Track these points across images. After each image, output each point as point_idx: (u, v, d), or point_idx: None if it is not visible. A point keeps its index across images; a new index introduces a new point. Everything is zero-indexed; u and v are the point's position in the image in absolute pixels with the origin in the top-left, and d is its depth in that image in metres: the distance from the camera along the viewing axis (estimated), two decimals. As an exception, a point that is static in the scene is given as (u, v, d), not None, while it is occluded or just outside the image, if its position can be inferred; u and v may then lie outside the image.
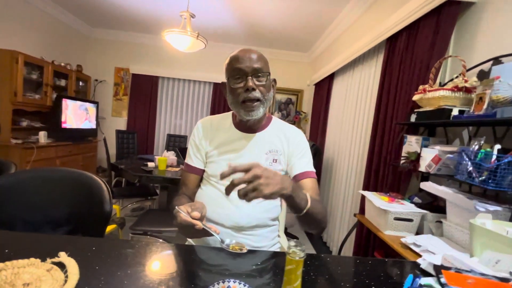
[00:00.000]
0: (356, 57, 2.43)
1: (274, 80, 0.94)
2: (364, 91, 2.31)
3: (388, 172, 1.68)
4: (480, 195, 1.04)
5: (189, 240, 0.96)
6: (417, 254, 0.99)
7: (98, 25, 3.94)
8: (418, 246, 1.02)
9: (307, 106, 4.32)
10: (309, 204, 0.69)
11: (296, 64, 4.38)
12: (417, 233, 1.23)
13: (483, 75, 1.15)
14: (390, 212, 1.21)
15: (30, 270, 0.54)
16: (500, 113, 0.90)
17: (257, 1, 2.69)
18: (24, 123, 2.89)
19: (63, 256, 0.60)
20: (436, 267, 0.59)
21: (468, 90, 1.13)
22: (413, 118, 1.36)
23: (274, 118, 1.00)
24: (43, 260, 0.58)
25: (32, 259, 0.57)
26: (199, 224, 0.63)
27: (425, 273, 0.68)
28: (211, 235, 0.66)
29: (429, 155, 1.19)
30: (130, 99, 4.22)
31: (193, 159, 0.97)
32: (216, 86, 4.25)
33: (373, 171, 1.86)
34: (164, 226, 1.89)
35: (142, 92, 4.18)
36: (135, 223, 1.89)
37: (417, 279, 0.63)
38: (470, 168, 0.95)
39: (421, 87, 1.32)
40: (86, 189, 1.03)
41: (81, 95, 3.81)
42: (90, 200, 1.02)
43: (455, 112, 1.12)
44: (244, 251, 0.64)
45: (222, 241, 0.66)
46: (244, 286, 0.52)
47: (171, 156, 2.60)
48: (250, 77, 0.83)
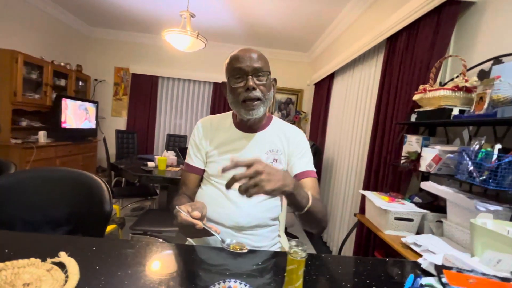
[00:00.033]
0: (356, 57, 2.42)
1: (275, 80, 0.94)
2: (364, 91, 2.31)
3: (388, 171, 1.68)
4: (480, 195, 1.04)
5: (190, 240, 0.96)
6: (418, 254, 0.99)
7: (98, 24, 3.93)
8: (418, 246, 1.02)
9: (307, 106, 4.32)
10: (310, 202, 0.69)
11: (296, 64, 4.38)
12: (417, 233, 1.23)
13: (484, 75, 1.15)
14: (390, 212, 1.21)
15: (30, 270, 0.54)
16: (501, 113, 0.90)
17: (257, 1, 2.69)
18: (24, 123, 2.89)
19: (63, 256, 0.60)
20: (437, 267, 0.59)
21: (469, 89, 1.12)
22: (413, 117, 1.36)
23: (274, 118, 1.00)
24: (43, 260, 0.58)
25: (32, 259, 0.57)
26: (199, 223, 0.63)
27: (425, 273, 0.68)
28: (212, 234, 0.65)
29: (429, 155, 1.18)
30: (130, 99, 4.21)
31: (193, 159, 0.96)
32: (216, 86, 4.25)
33: (373, 171, 1.86)
34: (164, 226, 1.89)
35: (142, 92, 4.18)
36: (135, 223, 1.89)
37: (418, 279, 0.63)
38: (471, 168, 0.95)
39: (421, 86, 1.32)
40: (86, 189, 1.02)
41: (81, 95, 3.80)
42: (90, 200, 1.01)
43: (455, 111, 1.12)
44: (245, 251, 0.64)
45: (223, 241, 0.66)
46: (245, 286, 0.52)
47: (171, 156, 2.60)
48: (250, 77, 0.83)
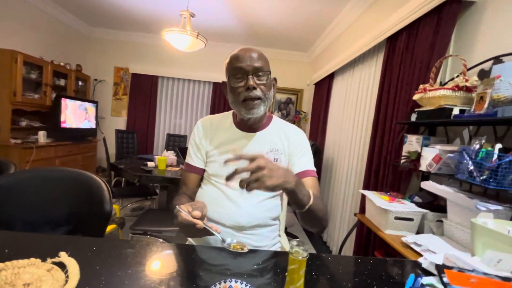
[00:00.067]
0: (356, 57, 2.42)
1: (275, 79, 0.94)
2: (364, 90, 2.31)
3: (388, 171, 1.68)
4: (480, 194, 1.04)
5: (190, 240, 0.96)
6: (418, 254, 0.99)
7: (97, 24, 3.93)
8: (419, 245, 1.02)
9: (307, 105, 4.32)
10: (312, 200, 0.70)
11: (296, 63, 4.38)
12: (417, 233, 1.23)
13: (484, 74, 1.15)
14: (390, 212, 1.21)
15: (30, 270, 0.54)
16: (501, 112, 0.90)
17: (257, 0, 2.69)
18: (24, 123, 2.88)
19: (63, 256, 0.59)
20: (439, 266, 0.59)
21: (469, 89, 1.12)
22: (413, 117, 1.36)
23: (274, 118, 1.00)
24: (44, 260, 0.58)
25: (33, 259, 0.57)
26: (200, 223, 0.63)
27: (426, 273, 0.68)
28: (212, 234, 0.65)
29: (429, 155, 1.18)
30: (130, 99, 4.21)
31: (193, 159, 0.96)
32: (216, 86, 4.25)
33: (373, 170, 1.86)
34: (164, 226, 1.89)
35: (142, 92, 4.17)
36: (135, 223, 1.89)
37: (419, 278, 0.63)
38: (471, 167, 0.95)
39: (421, 86, 1.32)
40: (86, 189, 1.02)
41: (81, 95, 3.80)
42: (90, 200, 1.01)
43: (455, 111, 1.12)
44: (245, 251, 0.64)
45: (223, 240, 0.66)
46: (246, 286, 0.52)
47: (171, 155, 2.59)
48: (250, 76, 0.83)
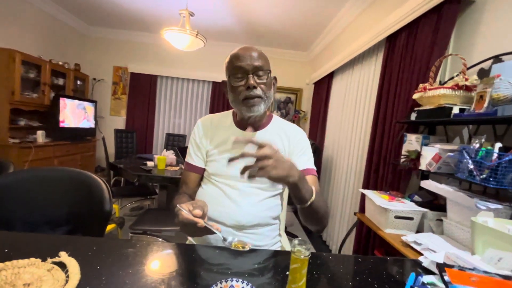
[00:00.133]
0: (355, 56, 2.42)
1: (275, 78, 0.94)
2: (364, 89, 2.31)
3: (388, 170, 1.68)
4: (480, 193, 1.04)
5: (190, 239, 0.96)
6: (417, 253, 0.99)
7: (96, 23, 3.91)
8: (419, 244, 1.02)
9: (306, 105, 4.32)
10: (314, 196, 0.70)
11: (295, 63, 4.37)
12: (417, 232, 1.24)
13: (483, 74, 1.15)
14: (390, 211, 1.21)
15: (30, 270, 0.54)
16: (501, 111, 0.90)
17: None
18: (22, 123, 2.87)
19: (63, 256, 0.59)
20: (440, 265, 0.59)
21: (469, 88, 1.13)
22: (413, 116, 1.36)
23: (274, 117, 1.00)
24: (44, 260, 0.57)
25: (33, 259, 0.57)
26: (201, 222, 0.62)
27: (426, 271, 0.68)
28: (213, 233, 0.65)
29: (429, 154, 1.19)
30: (129, 98, 4.20)
31: (193, 158, 0.96)
32: (215, 85, 4.24)
33: (373, 169, 1.86)
34: (164, 225, 1.89)
35: (141, 91, 4.16)
36: (134, 222, 1.88)
37: (419, 277, 0.63)
38: (471, 166, 0.95)
39: (421, 85, 1.32)
40: (86, 189, 1.02)
41: (79, 94, 3.78)
42: (89, 200, 1.01)
43: (455, 110, 1.12)
44: (247, 249, 0.64)
45: (225, 239, 0.65)
46: (247, 285, 0.52)
47: (170, 155, 2.59)
48: (251, 75, 0.82)
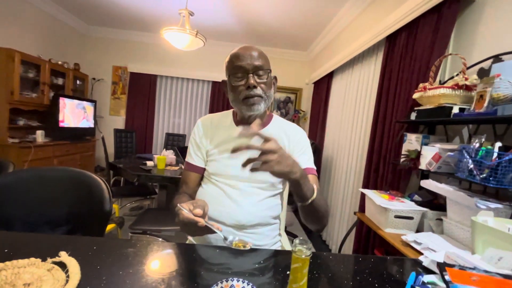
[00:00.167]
0: (355, 56, 2.42)
1: (275, 78, 0.94)
2: (364, 89, 2.31)
3: (388, 170, 1.68)
4: (480, 193, 1.05)
5: (190, 239, 0.96)
6: (417, 252, 0.99)
7: (95, 23, 3.91)
8: (419, 243, 1.02)
9: (306, 104, 4.32)
10: (315, 194, 0.70)
11: (295, 62, 4.37)
12: (417, 231, 1.24)
13: (483, 73, 1.16)
14: (390, 210, 1.21)
15: (30, 270, 0.54)
16: (501, 111, 0.90)
17: (256, -1, 2.68)
18: (21, 122, 2.86)
19: (63, 256, 0.59)
20: (440, 264, 0.59)
21: (469, 88, 1.13)
22: (413, 116, 1.36)
23: (275, 116, 1.00)
24: (44, 259, 0.57)
25: (33, 259, 0.56)
26: (201, 221, 0.62)
27: (426, 271, 0.68)
28: (214, 232, 0.65)
29: (429, 153, 1.19)
30: (128, 98, 4.19)
31: (193, 158, 0.96)
32: (215, 85, 4.24)
33: (372, 169, 1.87)
34: (164, 225, 1.88)
35: (141, 91, 4.16)
36: (134, 222, 1.88)
37: (420, 276, 0.63)
38: (471, 166, 0.95)
39: (421, 85, 1.32)
40: (86, 189, 1.02)
41: (79, 94, 3.78)
42: (89, 200, 1.01)
43: (455, 110, 1.12)
44: (248, 248, 0.64)
45: (225, 238, 0.65)
46: (248, 285, 0.52)
47: (170, 155, 2.59)
48: (251, 75, 0.82)
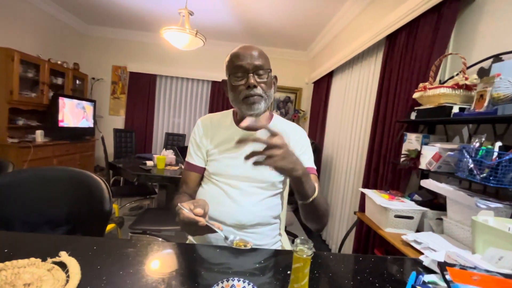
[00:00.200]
0: (355, 55, 2.42)
1: (275, 77, 0.94)
2: (364, 89, 2.31)
3: (388, 170, 1.68)
4: (480, 192, 1.04)
5: (190, 238, 0.96)
6: (417, 252, 0.99)
7: (95, 22, 3.90)
8: (419, 243, 1.02)
9: (305, 104, 4.32)
10: (317, 193, 0.70)
11: (295, 62, 4.37)
12: (417, 231, 1.24)
13: (483, 73, 1.16)
14: (390, 210, 1.21)
15: (30, 270, 0.53)
16: (501, 110, 0.90)
17: (256, -2, 2.68)
18: (21, 122, 2.86)
19: (64, 256, 0.59)
20: (441, 264, 0.59)
21: (469, 87, 1.13)
22: (413, 115, 1.36)
23: (275, 116, 1.00)
24: (44, 260, 0.57)
25: (33, 259, 0.56)
26: (202, 220, 0.62)
27: (426, 270, 0.68)
28: (215, 231, 0.65)
29: (429, 153, 1.19)
30: (128, 98, 4.18)
31: (194, 157, 0.96)
32: (214, 85, 4.23)
33: (372, 169, 1.87)
34: (163, 225, 1.88)
35: (140, 91, 4.15)
36: (134, 222, 1.88)
37: (420, 276, 0.63)
38: (471, 166, 0.95)
39: (421, 84, 1.32)
40: (86, 188, 1.01)
41: (78, 94, 3.77)
42: (89, 200, 1.01)
43: (455, 109, 1.12)
44: (248, 247, 0.64)
45: (226, 238, 0.65)
46: (249, 284, 0.52)
47: (169, 154, 2.58)
48: (251, 74, 0.82)
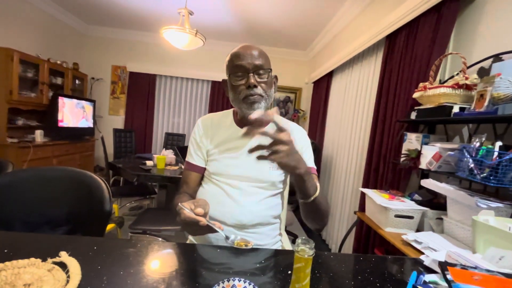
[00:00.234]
0: (355, 55, 2.42)
1: (276, 77, 0.94)
2: (364, 89, 2.31)
3: (388, 169, 1.68)
4: (480, 192, 1.04)
5: (190, 238, 0.96)
6: (418, 251, 0.99)
7: (94, 22, 3.89)
8: (419, 243, 1.02)
9: (305, 104, 4.32)
10: (318, 192, 0.70)
11: (295, 62, 4.37)
12: (417, 230, 1.24)
13: (484, 72, 1.16)
14: (391, 209, 1.21)
15: (31, 270, 0.53)
16: (502, 110, 0.90)
17: (256, -2, 2.68)
18: (20, 122, 2.85)
19: (64, 256, 0.59)
20: (442, 263, 0.59)
21: (469, 87, 1.13)
22: (413, 115, 1.36)
23: (276, 116, 0.99)
24: (44, 260, 0.57)
25: (33, 259, 0.56)
26: (203, 220, 0.62)
27: (427, 270, 0.68)
28: (215, 231, 0.65)
29: (430, 152, 1.19)
30: (128, 98, 4.18)
31: (194, 157, 0.96)
32: (214, 84, 4.23)
33: (372, 168, 1.87)
34: (163, 225, 1.88)
35: (140, 91, 4.15)
36: (134, 222, 1.88)
37: (421, 276, 0.63)
38: (472, 165, 0.95)
39: (421, 84, 1.32)
40: (86, 188, 1.01)
41: (78, 94, 3.76)
42: (89, 200, 1.00)
43: (455, 109, 1.12)
44: (250, 247, 0.64)
45: (227, 237, 0.65)
46: (250, 284, 0.52)
47: (169, 154, 2.58)
48: (251, 74, 0.82)
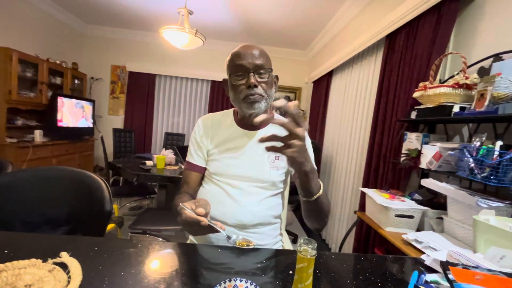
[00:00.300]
0: (355, 55, 2.42)
1: (276, 77, 0.94)
2: (363, 88, 2.31)
3: (388, 169, 1.68)
4: (480, 192, 1.05)
5: (191, 238, 0.96)
6: (418, 251, 1.00)
7: (93, 22, 3.88)
8: (419, 242, 1.02)
9: (305, 103, 4.32)
10: (321, 191, 0.71)
11: (294, 61, 4.37)
12: (417, 230, 1.24)
13: (484, 72, 1.16)
14: (391, 209, 1.21)
15: (31, 271, 0.53)
16: (502, 110, 0.90)
17: (255, -2, 2.67)
18: (19, 122, 2.84)
19: (65, 256, 0.59)
20: (443, 263, 0.59)
21: (469, 87, 1.13)
22: (413, 115, 1.36)
23: (276, 115, 0.99)
24: (45, 260, 0.57)
25: (33, 260, 0.56)
26: (204, 220, 0.62)
27: (428, 270, 0.68)
28: (217, 231, 0.65)
29: (430, 152, 1.19)
30: (127, 97, 4.17)
31: (194, 157, 0.96)
32: (214, 84, 4.23)
33: (372, 168, 1.87)
34: (163, 225, 1.88)
35: (139, 90, 4.14)
36: (134, 222, 1.87)
37: (422, 275, 0.63)
38: (472, 165, 0.95)
39: (421, 84, 1.32)
40: (86, 188, 1.01)
41: (77, 93, 3.76)
42: (89, 200, 1.00)
43: (456, 108, 1.12)
44: (251, 247, 0.64)
45: (229, 237, 0.65)
46: (251, 284, 0.51)
47: (169, 154, 2.58)
48: (252, 74, 0.82)
